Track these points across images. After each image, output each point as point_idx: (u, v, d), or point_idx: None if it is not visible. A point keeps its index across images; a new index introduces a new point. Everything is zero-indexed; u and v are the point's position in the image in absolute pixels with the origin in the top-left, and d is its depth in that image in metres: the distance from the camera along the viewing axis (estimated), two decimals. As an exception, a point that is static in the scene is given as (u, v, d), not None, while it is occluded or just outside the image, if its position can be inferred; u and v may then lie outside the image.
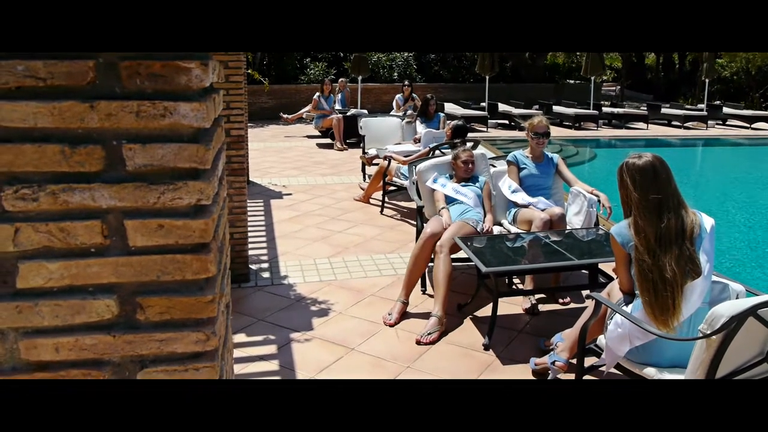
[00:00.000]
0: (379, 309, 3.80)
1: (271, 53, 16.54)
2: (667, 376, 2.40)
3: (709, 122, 15.41)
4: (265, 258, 4.74)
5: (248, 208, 5.27)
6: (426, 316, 3.65)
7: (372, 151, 7.62)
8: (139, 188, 0.93)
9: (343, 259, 4.74)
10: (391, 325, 3.59)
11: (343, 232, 5.49)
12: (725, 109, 16.16)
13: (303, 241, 5.21)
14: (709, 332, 2.12)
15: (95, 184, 0.92)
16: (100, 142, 0.92)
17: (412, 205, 5.88)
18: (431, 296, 4.00)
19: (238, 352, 3.20)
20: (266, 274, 4.39)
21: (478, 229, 4.02)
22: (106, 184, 0.92)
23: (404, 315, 3.71)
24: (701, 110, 15.71)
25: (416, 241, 4.06)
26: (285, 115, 12.27)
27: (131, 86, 0.92)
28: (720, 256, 5.61)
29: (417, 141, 7.41)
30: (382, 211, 6.24)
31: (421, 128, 7.77)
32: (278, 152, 10.10)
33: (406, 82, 11.27)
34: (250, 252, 4.59)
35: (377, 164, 6.82)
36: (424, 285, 4.14)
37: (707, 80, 16.28)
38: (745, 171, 11.82)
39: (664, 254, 2.41)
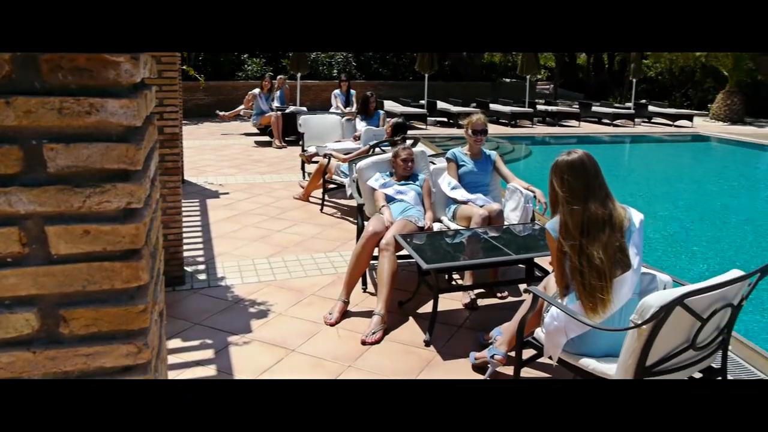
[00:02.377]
0: (320, 309, 3.76)
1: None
2: (602, 365, 2.49)
3: (636, 120, 16.15)
4: (201, 259, 4.61)
5: (183, 208, 5.11)
6: (367, 314, 3.64)
7: (311, 149, 7.55)
8: (62, 191, 0.87)
9: (282, 259, 4.67)
10: (332, 325, 3.57)
11: (282, 232, 5.41)
12: (651, 108, 16.97)
13: (241, 241, 5.10)
14: (639, 322, 2.21)
15: (12, 188, 0.85)
16: (17, 141, 0.85)
17: (353, 203, 5.86)
18: (372, 294, 4.00)
19: (172, 359, 3.10)
20: (202, 276, 4.27)
21: (419, 226, 4.05)
22: (24, 188, 0.85)
23: (345, 314, 3.69)
24: (629, 109, 16.45)
25: (357, 239, 4.05)
26: (221, 113, 11.99)
27: (53, 81, 0.86)
28: (648, 248, 5.88)
29: (357, 138, 7.39)
30: (322, 210, 6.20)
31: (360, 126, 7.76)
32: (215, 150, 9.85)
33: (343, 77, 11.24)
34: (186, 253, 4.45)
35: (317, 162, 6.76)
36: (365, 283, 4.13)
37: (634, 80, 17.05)
38: (669, 166, 12.45)
39: (592, 243, 2.50)
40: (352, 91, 10.97)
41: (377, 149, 6.07)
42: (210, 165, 8.53)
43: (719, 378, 2.59)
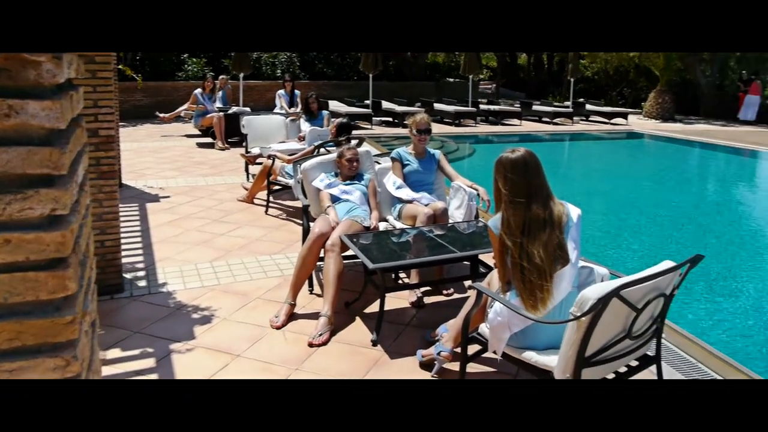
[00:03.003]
0: (266, 312, 3.71)
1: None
2: (544, 358, 2.56)
3: (574, 118, 16.68)
4: (141, 266, 4.46)
5: (121, 213, 4.94)
6: (314, 316, 3.62)
7: (255, 150, 7.44)
8: (-21, 199, 0.82)
9: (226, 263, 4.58)
10: (278, 328, 3.52)
11: (226, 235, 5.31)
12: (588, 106, 17.57)
13: (183, 245, 4.97)
14: (579, 314, 2.28)
15: (-77, 196, 0.80)
16: (-73, 146, 0.80)
17: (298, 204, 5.81)
18: (319, 296, 3.97)
19: (110, 369, 2.99)
20: (142, 283, 4.14)
21: (365, 226, 4.05)
22: (-64, 195, 0.80)
23: (292, 316, 3.66)
24: (567, 107, 16.97)
25: (303, 240, 4.01)
26: (161, 114, 11.65)
27: (-33, 81, 0.81)
28: (587, 242, 6.08)
29: (301, 139, 7.34)
30: (266, 211, 6.11)
31: (305, 126, 7.71)
32: (155, 152, 9.57)
33: (287, 77, 11.12)
34: (124, 260, 4.30)
35: (261, 163, 6.67)
36: (311, 285, 4.10)
37: (572, 80, 17.59)
38: (606, 162, 12.92)
39: (533, 242, 2.56)
40: (297, 92, 10.86)
41: (322, 149, 6.04)
42: (150, 168, 8.28)
43: (654, 364, 2.70)
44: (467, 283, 4.18)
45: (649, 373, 2.75)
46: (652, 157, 13.97)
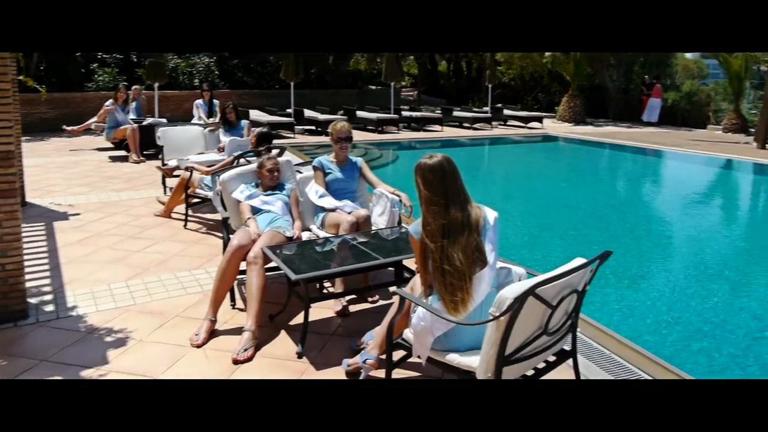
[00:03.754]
0: (186, 330, 3.56)
1: (49, 57, 14.80)
2: (466, 359, 2.59)
3: (493, 123, 17.20)
4: (48, 289, 4.18)
5: (25, 234, 4.63)
6: (237, 331, 3.51)
7: (172, 162, 7.18)
8: None
9: (142, 281, 4.37)
10: (199, 346, 3.39)
11: (142, 252, 5.08)
12: (506, 111, 18.18)
13: (95, 264, 4.71)
14: (497, 314, 2.33)
15: None
16: None
17: (218, 216, 5.64)
18: (242, 310, 3.86)
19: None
20: (50, 307, 3.88)
21: (288, 236, 3.98)
22: None
23: (213, 333, 3.53)
24: (486, 113, 17.47)
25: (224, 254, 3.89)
26: (69, 127, 11.06)
27: None
28: (504, 243, 6.26)
29: (221, 150, 7.16)
30: (185, 225, 5.90)
31: (224, 137, 7.52)
32: (63, 168, 9.04)
33: (205, 86, 10.84)
34: (29, 284, 4.02)
35: (178, 176, 6.44)
36: (233, 299, 3.98)
37: (490, 86, 18.14)
38: (524, 165, 13.40)
39: (452, 246, 2.60)
40: (215, 101, 10.60)
41: (242, 160, 5.90)
42: (57, 184, 7.81)
43: (571, 358, 2.80)
44: (392, 289, 4.19)
45: (566, 367, 2.84)
46: (566, 159, 14.61)
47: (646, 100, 19.87)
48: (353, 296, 4.09)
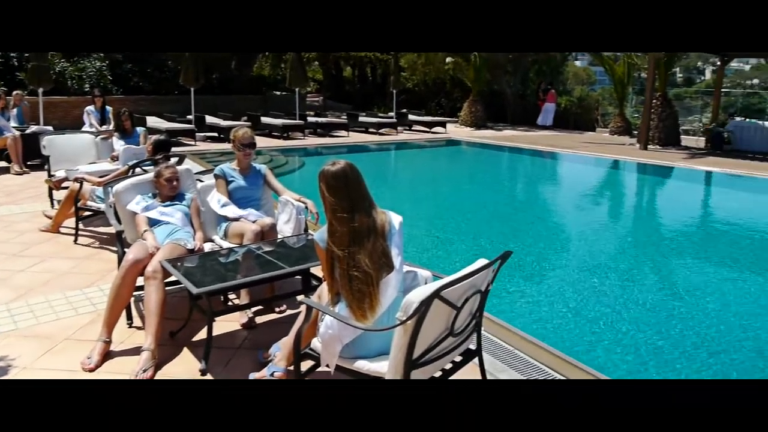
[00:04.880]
0: (77, 354, 3.30)
1: None
2: (375, 365, 2.58)
3: (398, 128, 17.47)
4: None
5: None
6: (135, 351, 3.31)
7: (60, 173, 6.70)
8: None
9: (26, 303, 4.02)
10: (92, 370, 3.16)
11: (26, 271, 4.68)
12: (411, 116, 18.54)
13: (-29, 287, 4.28)
14: (404, 318, 2.33)
15: None
16: None
17: (112, 230, 5.32)
18: (140, 329, 3.65)
19: None
20: None
21: (189, 249, 3.82)
22: None
23: (108, 355, 3.30)
24: (392, 118, 17.73)
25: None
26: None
27: None
28: (410, 246, 6.36)
29: (115, 159, 6.78)
30: (76, 241, 5.51)
31: (118, 145, 7.13)
32: (-68, 181, 8.20)
33: (97, 92, 10.23)
34: None
35: (67, 188, 6.01)
36: (130, 318, 3.75)
37: (395, 91, 18.42)
38: (429, 169, 13.70)
39: (359, 251, 2.59)
40: (108, 108, 10.02)
41: (138, 169, 5.60)
42: (-75, 200, 7.06)
43: (476, 356, 2.86)
44: (300, 297, 4.12)
45: (472, 365, 2.91)
46: (469, 163, 15.10)
47: (541, 105, 21.00)
48: (260, 307, 3.98)
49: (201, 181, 4.72)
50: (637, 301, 5.08)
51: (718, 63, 17.87)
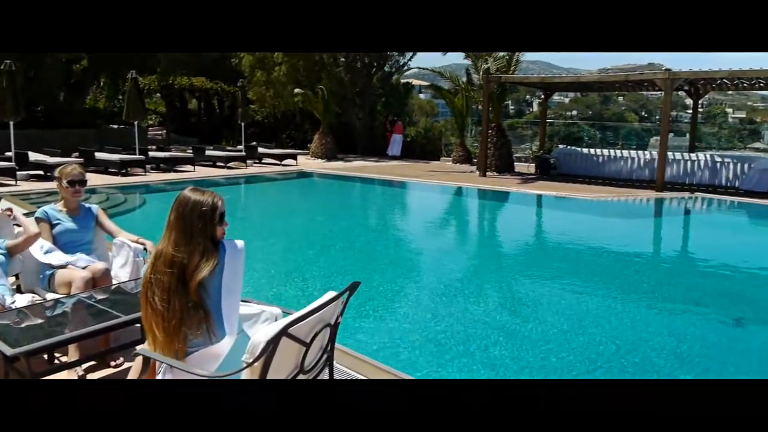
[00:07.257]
0: None
1: None
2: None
3: (248, 161, 17.13)
4: None
5: None
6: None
7: None
8: None
9: None
10: None
11: None
12: (260, 149, 18.27)
13: None
14: (251, 360, 2.24)
15: None
16: None
17: None
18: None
19: None
20: None
21: (5, 305, 3.38)
22: None
23: None
24: (240, 151, 17.34)
25: None
26: None
27: None
28: (260, 283, 6.20)
29: None
30: None
31: None
32: None
33: None
34: None
35: None
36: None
37: (243, 124, 18.08)
38: (281, 202, 13.57)
39: (184, 287, 2.46)
40: None
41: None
42: None
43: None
44: (139, 347, 3.80)
45: (327, 402, 2.86)
46: (321, 194, 15.21)
47: (389, 136, 21.84)
48: (92, 363, 3.60)
49: (19, 225, 4.22)
50: (483, 320, 5.37)
51: (542, 96, 19.87)
